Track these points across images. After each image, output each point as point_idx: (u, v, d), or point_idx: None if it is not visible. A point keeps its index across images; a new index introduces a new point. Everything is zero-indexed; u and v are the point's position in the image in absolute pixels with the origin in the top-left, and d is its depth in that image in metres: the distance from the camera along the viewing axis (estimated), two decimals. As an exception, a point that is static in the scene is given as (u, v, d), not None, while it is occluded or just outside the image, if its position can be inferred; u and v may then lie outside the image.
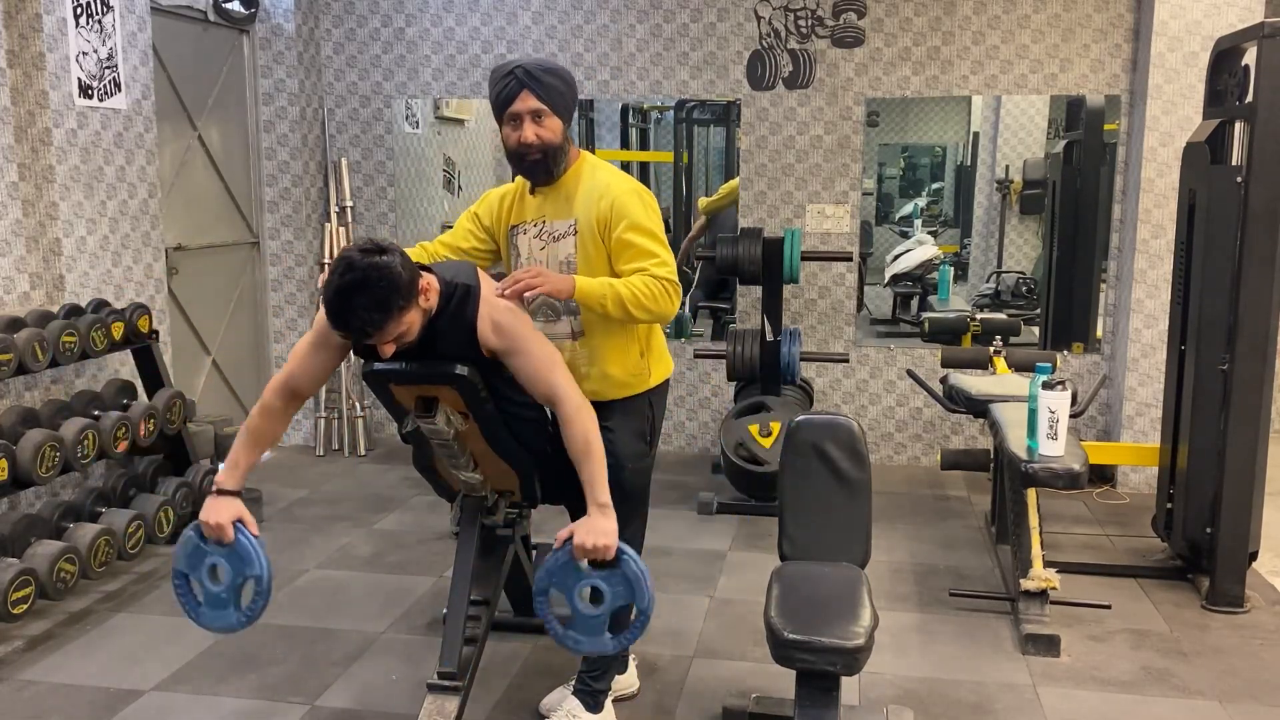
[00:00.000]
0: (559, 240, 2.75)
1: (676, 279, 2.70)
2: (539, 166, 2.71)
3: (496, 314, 2.50)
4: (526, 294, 2.59)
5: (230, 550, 2.51)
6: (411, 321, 2.37)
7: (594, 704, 2.89)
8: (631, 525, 2.88)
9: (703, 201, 6.21)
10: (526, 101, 2.63)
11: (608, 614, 2.46)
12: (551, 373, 2.52)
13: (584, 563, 2.44)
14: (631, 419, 2.83)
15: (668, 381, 2.98)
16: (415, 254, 2.85)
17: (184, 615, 2.58)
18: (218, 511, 2.50)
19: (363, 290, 2.26)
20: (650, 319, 2.73)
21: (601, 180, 2.75)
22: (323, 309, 2.34)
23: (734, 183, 5.66)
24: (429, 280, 2.41)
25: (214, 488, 2.55)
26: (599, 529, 2.43)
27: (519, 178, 2.87)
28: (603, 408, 2.73)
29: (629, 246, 2.68)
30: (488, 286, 2.55)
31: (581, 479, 2.50)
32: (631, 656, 3.13)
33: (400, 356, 2.47)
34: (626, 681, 3.11)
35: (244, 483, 2.59)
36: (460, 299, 2.47)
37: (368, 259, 2.27)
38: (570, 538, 2.44)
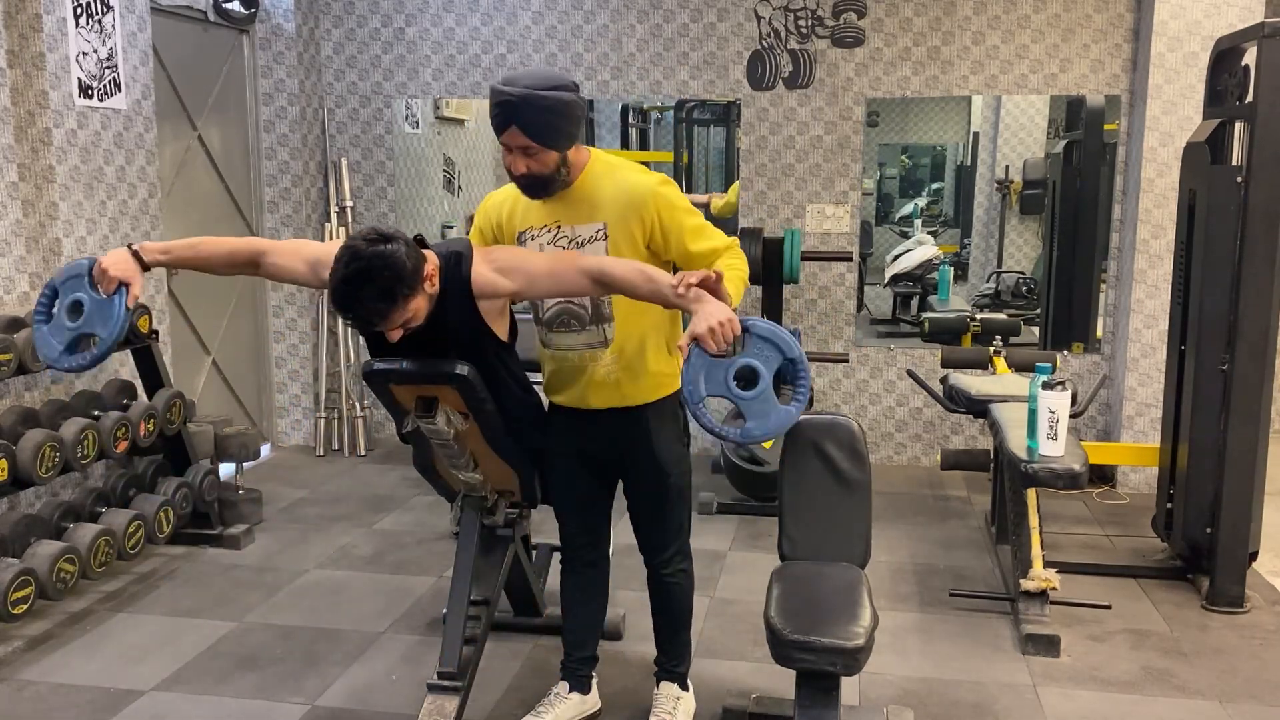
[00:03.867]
0: (585, 245, 2.61)
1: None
2: (533, 191, 2.59)
3: (492, 259, 2.50)
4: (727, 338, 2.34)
5: (100, 302, 2.49)
6: (418, 308, 2.38)
7: (684, 683, 3.02)
8: (683, 530, 2.89)
9: (716, 204, 6.14)
10: (515, 138, 2.46)
11: (770, 382, 2.32)
12: (578, 261, 2.49)
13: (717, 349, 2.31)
14: (667, 423, 2.76)
15: None
16: None
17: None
18: (118, 265, 2.47)
19: (369, 280, 2.27)
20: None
21: (629, 180, 2.61)
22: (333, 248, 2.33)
23: (735, 184, 5.65)
24: (433, 265, 2.41)
25: (135, 244, 2.53)
26: (710, 313, 2.29)
27: None
28: (637, 415, 2.69)
29: (685, 229, 2.60)
30: (480, 254, 2.54)
31: (659, 298, 2.42)
32: (593, 677, 3.05)
33: (406, 349, 2.48)
34: (590, 702, 3.03)
35: (158, 263, 2.55)
36: (454, 264, 2.48)
37: (373, 248, 2.29)
38: (693, 341, 2.30)
